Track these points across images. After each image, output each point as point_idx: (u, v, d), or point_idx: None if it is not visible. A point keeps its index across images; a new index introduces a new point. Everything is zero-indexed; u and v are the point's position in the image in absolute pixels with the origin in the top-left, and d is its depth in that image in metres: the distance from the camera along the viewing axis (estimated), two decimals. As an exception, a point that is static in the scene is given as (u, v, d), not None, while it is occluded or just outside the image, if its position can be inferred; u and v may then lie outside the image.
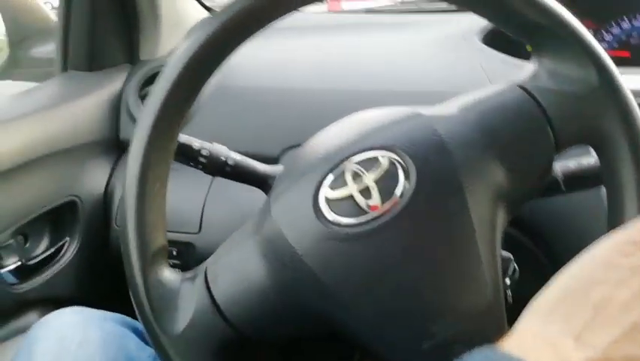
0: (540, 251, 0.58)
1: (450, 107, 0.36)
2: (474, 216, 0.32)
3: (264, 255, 0.34)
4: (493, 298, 0.32)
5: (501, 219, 0.34)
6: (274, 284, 0.33)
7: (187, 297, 0.35)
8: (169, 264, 0.36)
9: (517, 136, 0.35)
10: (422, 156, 0.33)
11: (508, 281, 0.47)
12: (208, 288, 0.34)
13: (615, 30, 0.76)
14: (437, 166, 0.33)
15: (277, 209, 0.34)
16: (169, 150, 0.37)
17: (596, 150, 0.36)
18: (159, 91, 0.35)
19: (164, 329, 0.34)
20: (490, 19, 0.37)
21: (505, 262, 0.46)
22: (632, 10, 0.75)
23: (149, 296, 0.34)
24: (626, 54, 0.75)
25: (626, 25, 0.75)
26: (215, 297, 0.34)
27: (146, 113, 0.35)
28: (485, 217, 0.33)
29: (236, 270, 0.34)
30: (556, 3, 0.35)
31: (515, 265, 0.46)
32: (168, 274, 0.36)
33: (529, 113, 0.35)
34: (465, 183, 0.33)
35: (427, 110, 0.36)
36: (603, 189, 0.37)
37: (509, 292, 0.48)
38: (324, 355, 0.74)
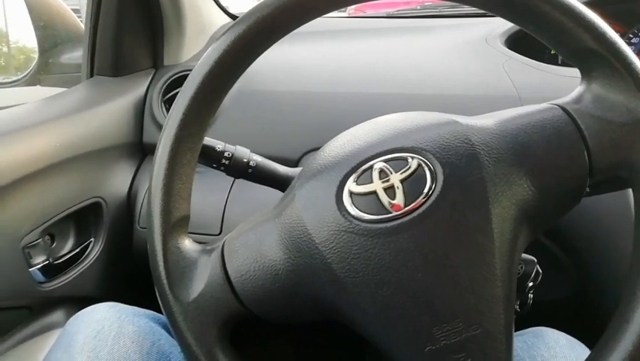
0: (563, 254, 0.57)
1: (487, 120, 0.36)
2: (496, 231, 0.32)
3: (282, 238, 0.35)
4: (504, 317, 0.32)
5: (523, 237, 0.34)
6: (287, 268, 0.34)
7: (202, 268, 0.36)
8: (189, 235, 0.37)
9: (552, 157, 0.34)
10: (452, 163, 0.33)
11: (530, 284, 0.46)
12: (223, 262, 0.35)
13: (636, 40, 0.74)
14: (466, 176, 0.33)
15: (301, 196, 0.35)
16: (195, 149, 0.38)
17: (630, 183, 0.35)
18: (187, 94, 0.36)
19: (175, 295, 0.35)
20: (544, 40, 0.37)
21: (529, 265, 0.46)
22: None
23: (166, 261, 0.35)
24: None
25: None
26: (228, 272, 0.35)
27: (175, 113, 0.36)
28: (507, 234, 0.33)
29: (253, 249, 0.35)
30: (612, 31, 0.35)
31: (539, 267, 0.46)
32: (187, 244, 0.37)
33: (567, 135, 0.34)
34: (491, 197, 0.32)
35: (463, 119, 0.36)
36: (628, 192, 0.36)
37: (531, 295, 0.47)
38: (333, 348, 0.73)
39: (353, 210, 0.33)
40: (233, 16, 0.96)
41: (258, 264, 0.35)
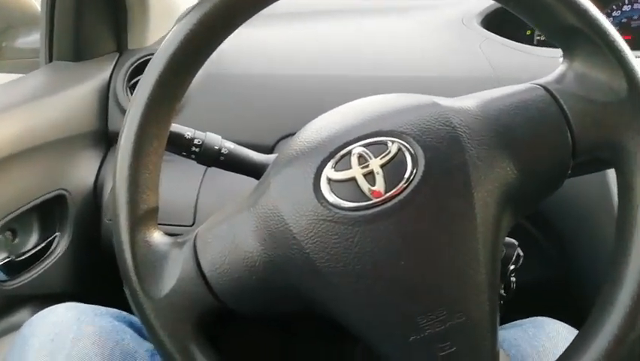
0: (543, 236, 0.58)
1: (469, 101, 0.35)
2: (479, 215, 0.31)
3: (257, 229, 0.33)
4: (489, 304, 0.32)
5: (506, 221, 0.33)
6: (264, 260, 0.33)
7: (174, 262, 0.34)
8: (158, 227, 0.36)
9: (535, 138, 0.33)
10: (433, 146, 0.32)
11: (512, 267, 0.46)
12: (196, 255, 0.34)
13: (616, 13, 0.74)
14: (447, 160, 0.32)
15: (276, 184, 0.34)
16: (161, 136, 0.36)
17: (613, 164, 0.34)
18: (150, 77, 0.34)
19: (146, 292, 0.33)
20: (524, 17, 0.36)
21: (510, 248, 0.45)
22: (634, -8, 0.74)
23: (135, 256, 0.34)
24: (627, 37, 0.74)
25: (627, 7, 0.74)
26: (201, 265, 0.34)
27: (139, 98, 0.34)
28: (490, 218, 0.32)
29: (227, 241, 0.34)
30: (595, 8, 0.34)
31: (520, 251, 0.45)
32: (157, 237, 0.35)
33: (550, 116, 0.33)
34: (474, 182, 0.31)
35: (443, 101, 0.34)
36: (608, 173, 0.36)
37: (513, 279, 0.47)
38: (321, 343, 0.73)
39: (331, 198, 0.32)
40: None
41: (233, 256, 0.33)
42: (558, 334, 0.46)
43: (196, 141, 0.44)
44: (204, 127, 0.50)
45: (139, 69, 0.73)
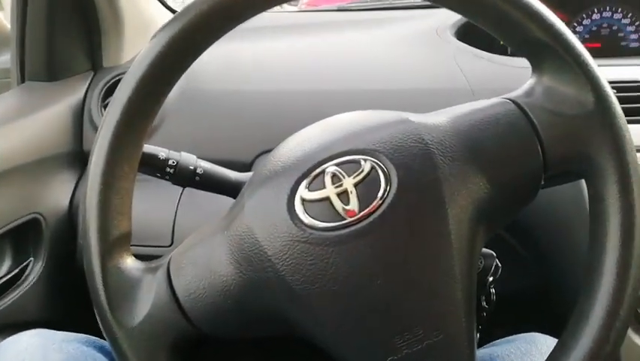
0: (521, 246, 0.58)
1: (440, 117, 0.35)
2: (453, 232, 0.31)
3: (232, 252, 0.33)
4: (466, 320, 0.31)
5: (481, 236, 0.33)
6: (239, 283, 0.32)
7: (147, 288, 0.33)
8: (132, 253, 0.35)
9: (506, 153, 0.33)
10: (406, 164, 0.32)
11: (491, 279, 0.46)
12: (169, 281, 0.33)
13: (586, 22, 0.76)
14: (420, 177, 0.32)
15: (250, 205, 0.33)
16: (133, 160, 0.35)
17: (584, 176, 0.35)
18: (120, 100, 0.34)
19: (118, 320, 0.33)
20: (491, 32, 0.36)
21: (489, 259, 0.45)
22: (601, 2, 0.75)
23: (106, 283, 0.33)
24: (596, 45, 0.76)
25: (596, 16, 0.76)
26: (175, 290, 0.33)
27: (108, 121, 0.34)
28: (464, 234, 0.32)
29: (201, 264, 0.33)
30: (561, 22, 0.34)
31: (498, 261, 0.45)
32: (130, 263, 0.34)
33: (520, 130, 0.34)
34: (447, 198, 0.31)
35: (415, 117, 0.35)
36: (582, 181, 0.36)
37: (493, 290, 0.47)
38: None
39: (306, 219, 0.31)
40: (174, 11, 0.91)
41: (208, 280, 0.33)
42: (550, 350, 0.46)
43: (170, 162, 0.44)
44: (182, 145, 0.50)
45: (114, 88, 0.72)
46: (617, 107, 0.34)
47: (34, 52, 0.72)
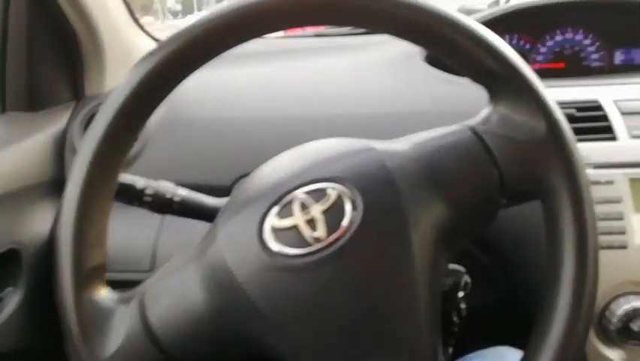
0: (490, 260, 0.60)
1: (402, 144, 0.37)
2: (416, 256, 0.33)
3: (204, 280, 0.33)
4: (431, 342, 0.33)
5: (444, 259, 0.35)
6: (211, 311, 0.33)
7: (120, 319, 0.34)
8: (107, 284, 0.35)
9: (465, 178, 0.35)
10: (370, 191, 0.33)
11: (461, 294, 0.48)
12: (143, 311, 0.34)
13: (549, 43, 0.80)
14: (384, 202, 0.33)
15: (223, 234, 0.34)
16: (108, 192, 0.36)
17: (539, 196, 0.36)
18: (95, 132, 0.34)
19: (91, 353, 0.33)
20: (451, 63, 0.38)
21: (458, 275, 0.47)
22: (563, 24, 0.79)
23: (79, 316, 0.33)
24: (560, 65, 0.79)
25: (559, 37, 0.80)
26: (149, 321, 0.33)
27: (83, 154, 0.34)
28: (427, 258, 0.33)
29: (174, 294, 0.34)
30: (515, 53, 0.36)
31: (468, 277, 0.47)
32: (103, 294, 0.35)
33: (477, 155, 0.36)
34: (410, 223, 0.33)
35: (379, 145, 0.36)
36: None
37: (463, 306, 0.49)
38: None
39: (275, 246, 0.33)
40: (157, 40, 0.93)
41: (181, 309, 0.33)
42: None
43: (148, 191, 0.45)
44: (163, 170, 0.50)
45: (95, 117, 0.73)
46: (568, 132, 0.36)
47: (14, 82, 0.72)
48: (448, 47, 0.36)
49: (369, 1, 0.34)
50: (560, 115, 0.36)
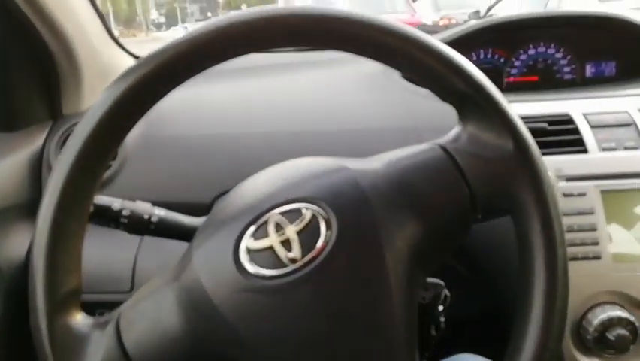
0: (469, 272, 0.60)
1: (376, 163, 0.37)
2: (391, 274, 0.33)
3: (181, 303, 0.33)
4: (407, 355, 0.33)
5: (419, 275, 0.35)
6: (188, 333, 0.33)
7: (96, 345, 0.33)
8: (82, 309, 0.35)
9: (436, 195, 0.36)
10: (344, 210, 0.34)
11: (441, 308, 0.48)
12: (119, 336, 0.33)
13: (523, 57, 0.82)
14: (358, 222, 0.34)
15: (198, 256, 0.34)
16: (82, 216, 0.35)
17: (509, 212, 0.37)
18: (68, 155, 0.34)
19: None
20: (421, 83, 0.39)
21: (437, 288, 0.48)
22: (536, 38, 0.81)
23: (53, 342, 0.33)
24: (534, 78, 0.81)
25: (532, 52, 0.82)
26: (125, 345, 0.33)
27: (55, 178, 0.34)
28: (402, 276, 0.34)
29: (151, 318, 0.34)
30: (482, 74, 0.37)
31: (447, 290, 0.47)
32: (78, 319, 0.34)
33: (448, 173, 0.36)
34: (384, 241, 0.33)
35: (352, 164, 0.37)
36: None
37: (442, 319, 0.49)
38: None
39: (251, 268, 0.33)
40: (136, 57, 0.93)
41: (158, 332, 0.33)
42: None
43: (124, 212, 0.44)
44: (143, 188, 0.50)
45: (72, 135, 0.72)
46: (535, 150, 0.37)
47: (-10, 102, 0.72)
48: (418, 69, 0.37)
49: (339, 24, 0.35)
50: (526, 133, 0.37)
